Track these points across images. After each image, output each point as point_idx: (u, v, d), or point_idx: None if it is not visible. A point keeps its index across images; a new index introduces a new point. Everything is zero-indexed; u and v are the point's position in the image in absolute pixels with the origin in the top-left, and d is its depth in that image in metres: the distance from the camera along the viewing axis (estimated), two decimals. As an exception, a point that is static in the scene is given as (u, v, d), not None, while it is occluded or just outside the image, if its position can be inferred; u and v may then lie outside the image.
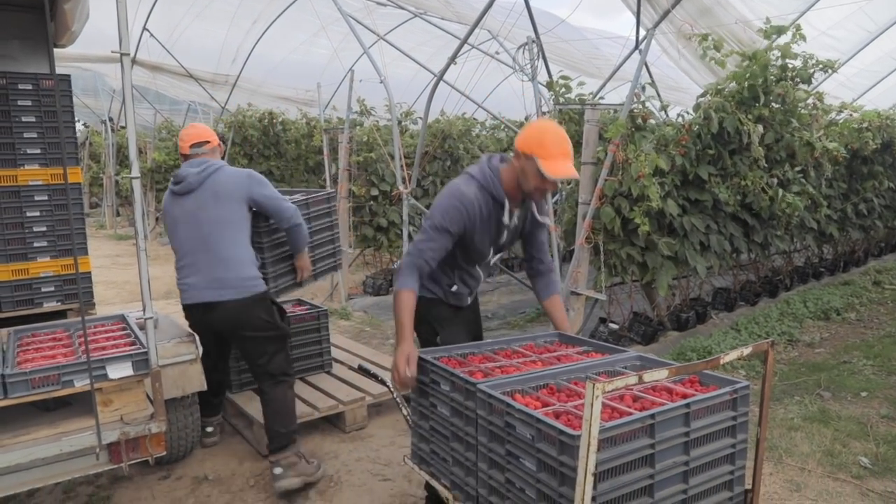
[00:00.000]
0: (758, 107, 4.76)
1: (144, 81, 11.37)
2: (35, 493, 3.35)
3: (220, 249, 3.24)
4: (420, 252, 2.65)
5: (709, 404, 2.02)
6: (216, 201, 3.27)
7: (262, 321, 3.31)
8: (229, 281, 3.22)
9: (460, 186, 2.70)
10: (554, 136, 2.56)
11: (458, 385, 2.31)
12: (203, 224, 3.26)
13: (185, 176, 3.33)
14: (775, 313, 6.45)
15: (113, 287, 8.31)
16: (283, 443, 3.30)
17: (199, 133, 3.49)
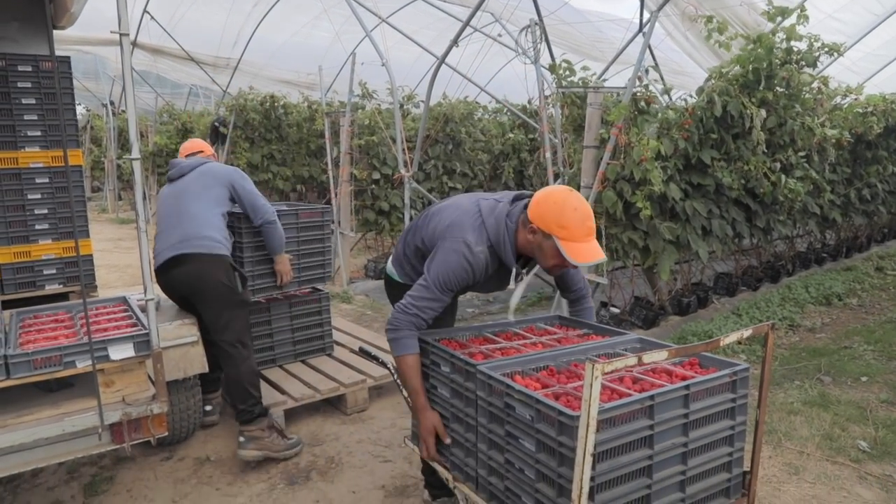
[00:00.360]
0: (761, 90, 4.73)
1: (146, 65, 11.34)
2: (39, 473, 3.38)
3: (189, 213, 3.52)
4: (420, 311, 2.39)
5: (708, 386, 2.02)
6: (201, 183, 3.63)
7: (220, 284, 3.42)
8: (191, 238, 3.44)
9: (471, 244, 2.39)
10: (575, 212, 2.24)
11: (459, 367, 2.32)
12: (182, 199, 3.59)
13: (177, 163, 3.77)
14: (777, 298, 6.45)
15: (115, 270, 8.33)
16: (245, 417, 3.43)
17: (195, 145, 3.97)
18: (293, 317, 4.29)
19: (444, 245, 2.43)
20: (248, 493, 3.20)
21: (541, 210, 2.30)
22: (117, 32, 2.39)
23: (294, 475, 3.35)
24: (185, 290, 3.49)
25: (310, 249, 4.27)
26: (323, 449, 3.61)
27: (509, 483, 2.08)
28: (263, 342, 4.20)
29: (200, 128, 10.53)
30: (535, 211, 2.32)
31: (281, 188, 9.65)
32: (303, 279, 4.27)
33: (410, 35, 6.91)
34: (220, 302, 3.44)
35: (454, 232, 2.44)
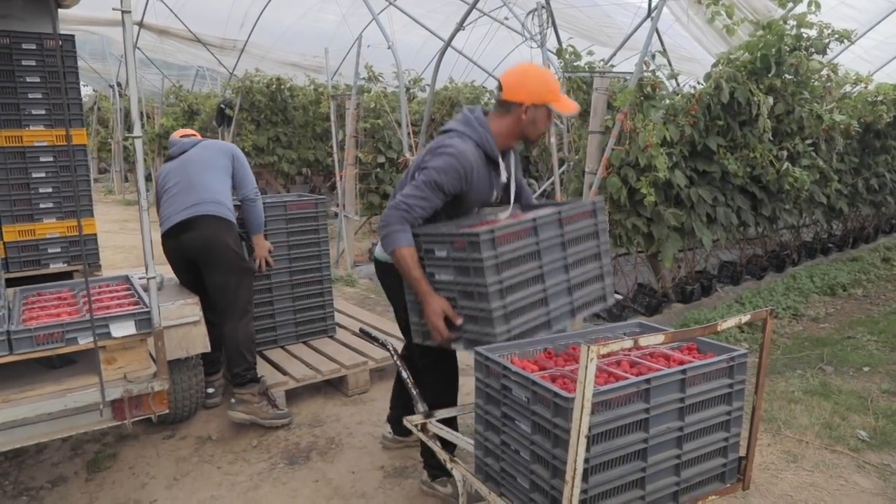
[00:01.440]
0: (770, 77, 4.68)
1: (152, 46, 11.31)
2: (44, 449, 3.42)
3: (199, 180, 3.62)
4: (410, 208, 2.45)
5: (705, 371, 2.02)
6: (207, 154, 3.74)
7: (230, 249, 3.55)
8: (205, 201, 3.54)
9: (457, 144, 2.51)
10: (550, 73, 2.69)
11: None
12: (189, 168, 3.68)
13: (177, 141, 3.88)
14: (781, 288, 6.43)
15: (121, 251, 8.37)
16: (238, 380, 3.56)
17: (189, 132, 4.04)
18: (295, 298, 4.30)
19: (435, 153, 2.53)
20: (248, 471, 3.23)
21: (528, 89, 2.55)
22: (119, 9, 2.38)
23: (294, 455, 3.38)
24: (193, 253, 3.56)
25: (300, 241, 4.26)
26: (323, 430, 3.64)
27: (505, 464, 2.09)
28: (265, 322, 4.22)
29: (207, 109, 10.52)
30: (523, 93, 2.55)
31: (286, 171, 9.66)
32: (295, 281, 4.28)
33: (417, 18, 6.87)
34: (228, 266, 3.55)
35: (440, 145, 2.56)
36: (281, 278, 4.22)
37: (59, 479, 3.17)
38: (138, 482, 3.14)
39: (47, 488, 3.09)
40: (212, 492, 3.06)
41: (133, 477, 3.19)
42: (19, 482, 3.13)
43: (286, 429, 3.65)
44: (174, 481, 3.15)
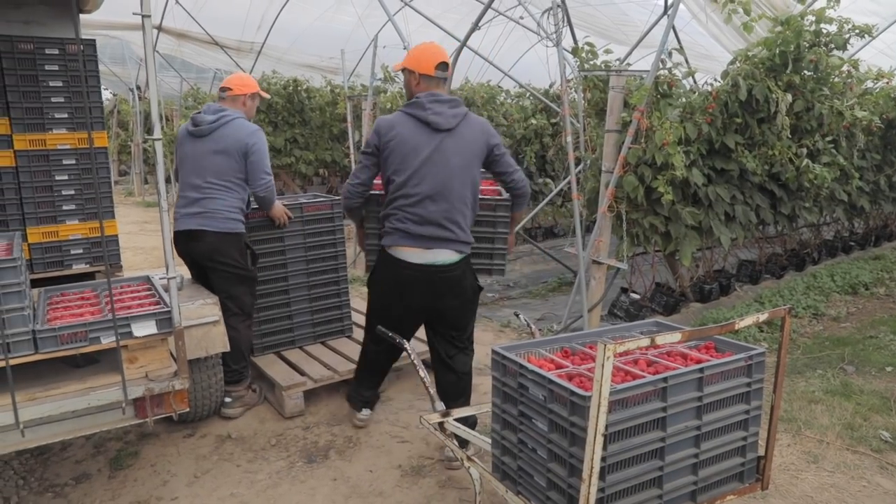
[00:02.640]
0: (788, 73, 4.64)
1: (171, 49, 11.43)
2: (68, 446, 3.48)
3: (207, 184, 3.67)
4: (351, 176, 3.32)
5: (723, 370, 2.02)
6: (217, 150, 3.68)
7: (233, 259, 3.71)
8: (210, 213, 3.64)
9: (379, 119, 3.25)
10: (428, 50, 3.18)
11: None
12: (201, 168, 3.69)
13: (200, 121, 3.74)
14: (801, 287, 6.36)
15: (141, 253, 8.47)
16: (235, 377, 3.79)
17: (229, 80, 3.93)
18: (312, 298, 4.33)
19: (487, 124, 3.24)
20: (267, 470, 3.26)
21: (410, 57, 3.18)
22: (139, 14, 2.42)
23: (313, 454, 3.41)
24: (200, 258, 3.74)
25: (317, 242, 4.28)
26: (341, 429, 3.67)
27: (522, 463, 2.09)
28: (283, 323, 4.25)
29: (225, 112, 10.58)
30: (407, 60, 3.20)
31: (304, 172, 9.72)
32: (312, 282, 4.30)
33: (433, 19, 6.88)
34: (231, 277, 3.72)
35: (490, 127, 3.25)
36: (298, 279, 4.25)
37: (83, 476, 3.22)
38: (160, 480, 3.18)
39: (71, 485, 3.14)
40: (232, 489, 3.09)
41: (154, 474, 3.23)
42: (44, 479, 3.19)
43: (304, 428, 3.68)
44: (195, 479, 3.19)
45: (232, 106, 3.83)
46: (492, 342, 5.13)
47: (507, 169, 3.22)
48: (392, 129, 3.05)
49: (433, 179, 3.01)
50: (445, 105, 3.05)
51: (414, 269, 3.06)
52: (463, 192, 3.07)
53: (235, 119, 3.73)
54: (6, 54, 3.68)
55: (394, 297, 3.21)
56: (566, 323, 5.16)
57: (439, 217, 3.02)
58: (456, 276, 3.12)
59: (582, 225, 4.90)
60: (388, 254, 3.13)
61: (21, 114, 3.77)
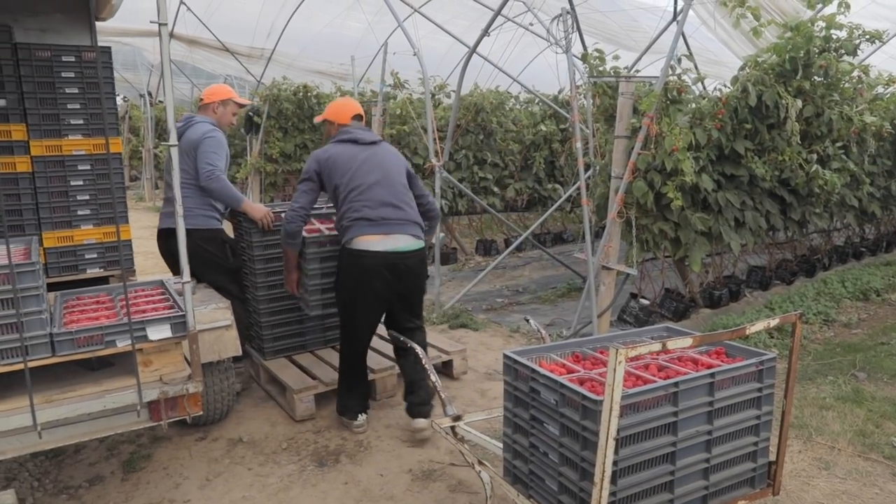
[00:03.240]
0: (798, 79, 4.64)
1: (182, 56, 11.53)
2: (82, 449, 3.51)
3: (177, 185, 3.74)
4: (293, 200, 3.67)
5: (734, 375, 2.03)
6: (181, 153, 3.88)
7: (210, 254, 3.99)
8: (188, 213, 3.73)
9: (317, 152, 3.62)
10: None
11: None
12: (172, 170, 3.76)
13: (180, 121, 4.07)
14: (811, 293, 6.34)
15: (152, 257, 8.50)
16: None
17: (209, 92, 4.20)
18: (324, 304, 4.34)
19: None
20: (279, 473, 3.28)
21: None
22: (156, 22, 2.46)
23: (324, 457, 3.43)
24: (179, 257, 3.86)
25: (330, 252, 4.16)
26: (352, 432, 3.68)
27: (533, 466, 2.11)
28: (294, 328, 4.27)
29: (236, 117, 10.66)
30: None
31: (313, 177, 9.76)
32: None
33: (442, 25, 6.91)
34: (212, 270, 4.01)
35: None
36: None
37: (97, 478, 3.25)
38: (172, 482, 3.21)
39: (85, 487, 3.17)
40: (243, 492, 3.12)
41: (167, 477, 3.26)
42: (59, 481, 3.23)
43: (315, 432, 3.70)
44: (207, 482, 3.21)
45: (203, 114, 4.15)
46: (501, 347, 5.14)
47: (423, 192, 3.72)
48: (326, 153, 3.53)
49: (375, 171, 3.49)
50: (366, 131, 3.67)
51: (378, 258, 3.36)
52: (402, 180, 3.58)
53: (196, 123, 4.02)
54: (24, 62, 3.74)
55: (361, 291, 3.45)
56: (576, 328, 5.17)
57: (389, 197, 3.45)
58: (416, 261, 3.51)
59: (591, 230, 4.91)
60: (351, 249, 3.42)
61: (38, 120, 3.83)
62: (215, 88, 4.23)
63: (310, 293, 3.74)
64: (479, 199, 7.24)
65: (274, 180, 9.55)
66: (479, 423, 3.00)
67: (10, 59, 3.72)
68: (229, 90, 4.23)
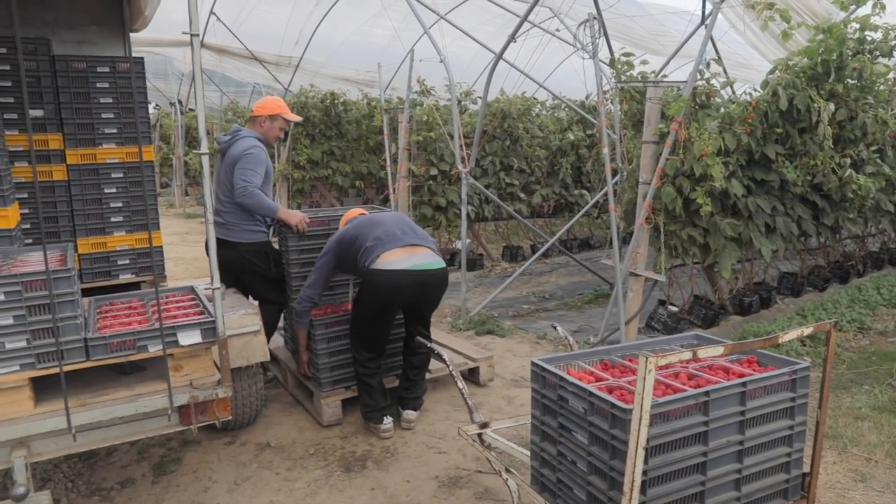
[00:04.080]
0: (830, 82, 4.55)
1: (211, 64, 11.72)
2: (114, 451, 3.57)
3: (226, 202, 4.07)
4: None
5: (766, 384, 1.99)
6: (225, 166, 4.06)
7: (254, 265, 4.11)
8: (229, 227, 4.04)
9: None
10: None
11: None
12: (219, 183, 4.12)
13: (219, 141, 4.19)
14: (845, 300, 6.20)
15: (182, 263, 8.66)
16: None
17: (259, 105, 4.23)
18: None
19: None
20: (306, 478, 3.30)
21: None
22: (188, 33, 2.50)
23: (350, 463, 3.44)
24: (229, 266, 3.99)
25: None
26: (378, 438, 3.69)
27: (561, 475, 2.09)
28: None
29: (263, 125, 10.79)
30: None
31: (340, 184, 9.83)
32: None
33: (468, 32, 6.93)
34: (256, 280, 4.14)
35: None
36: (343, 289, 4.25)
37: (128, 480, 3.31)
38: (201, 486, 3.25)
39: (117, 489, 3.23)
40: (271, 497, 3.14)
41: (196, 481, 3.30)
42: (92, 482, 3.28)
43: (342, 437, 3.72)
44: (235, 486, 3.24)
45: (251, 127, 4.20)
46: (528, 354, 5.12)
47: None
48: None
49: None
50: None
51: (405, 275, 3.45)
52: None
53: (241, 138, 4.06)
54: (61, 73, 3.84)
55: (384, 305, 3.57)
56: (603, 335, 5.13)
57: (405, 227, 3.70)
58: (440, 277, 3.61)
59: (619, 236, 4.87)
60: (374, 269, 3.47)
61: (73, 129, 3.92)
62: (266, 102, 4.23)
63: (321, 371, 3.86)
64: (505, 205, 7.23)
65: (301, 187, 9.64)
66: (505, 431, 2.98)
67: (48, 71, 3.82)
68: (280, 105, 4.22)
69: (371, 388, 3.73)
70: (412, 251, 3.55)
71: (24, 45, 3.73)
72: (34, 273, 2.51)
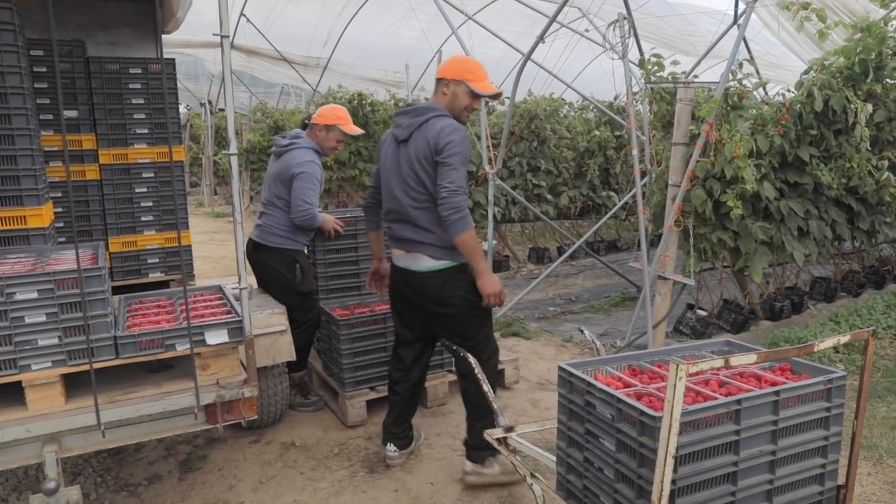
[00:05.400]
0: (868, 83, 4.44)
1: (241, 65, 11.87)
2: (141, 448, 3.62)
3: (268, 206, 4.02)
4: (463, 188, 2.86)
5: (800, 393, 1.94)
6: (278, 173, 3.95)
7: (279, 273, 3.96)
8: (265, 230, 3.99)
9: (455, 125, 2.94)
10: (475, 62, 3.08)
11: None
12: (268, 186, 4.05)
13: (276, 144, 4.07)
14: (881, 306, 6.04)
15: (210, 261, 8.77)
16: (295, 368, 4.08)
17: (318, 112, 4.10)
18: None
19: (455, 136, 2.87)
20: (330, 478, 3.31)
21: (450, 66, 3.04)
22: (219, 34, 2.52)
23: (375, 464, 3.44)
24: (256, 267, 4.05)
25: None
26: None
27: (588, 482, 2.06)
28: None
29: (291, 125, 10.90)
30: (446, 68, 3.04)
31: (367, 184, 9.87)
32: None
33: (496, 32, 6.90)
34: (278, 288, 3.95)
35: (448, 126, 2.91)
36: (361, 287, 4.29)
37: (155, 476, 3.35)
38: (226, 484, 3.28)
39: (144, 485, 3.27)
40: (295, 496, 3.15)
41: (222, 478, 3.33)
42: (120, 478, 3.33)
43: (367, 438, 3.72)
44: (260, 484, 3.27)
45: (309, 134, 4.06)
46: (553, 357, 5.08)
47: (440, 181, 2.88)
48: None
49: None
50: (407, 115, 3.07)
51: (397, 272, 3.20)
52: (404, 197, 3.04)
53: (299, 148, 3.95)
54: (95, 74, 3.90)
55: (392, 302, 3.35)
56: (630, 339, 5.06)
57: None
58: (434, 286, 3.03)
59: (647, 239, 4.80)
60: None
61: (106, 130, 3.99)
62: (325, 110, 4.06)
63: (344, 371, 3.83)
64: (532, 207, 7.19)
65: (328, 187, 9.70)
66: (530, 435, 2.95)
67: (83, 73, 3.89)
68: (339, 115, 4.03)
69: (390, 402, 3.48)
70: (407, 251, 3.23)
71: (60, 48, 3.80)
72: (66, 271, 2.54)
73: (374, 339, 3.92)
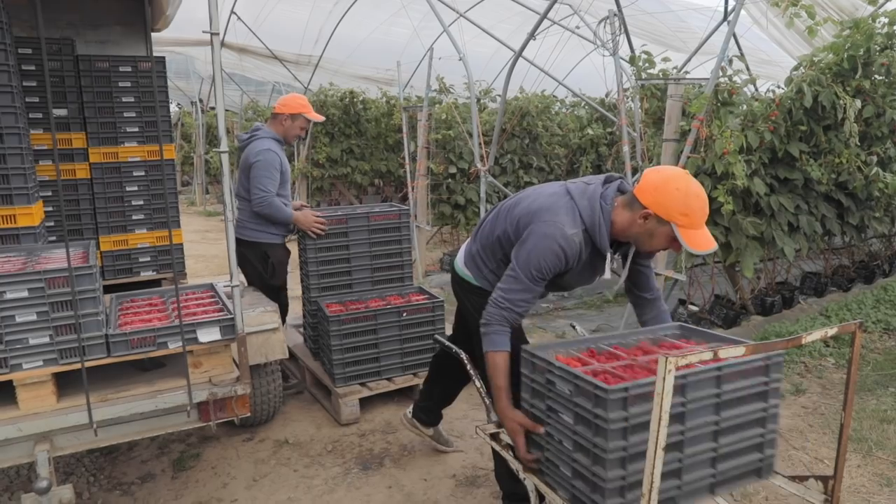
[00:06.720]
0: (857, 79, 4.47)
1: (232, 65, 11.81)
2: (134, 447, 3.62)
3: (239, 200, 4.11)
4: (512, 304, 2.30)
5: (741, 369, 2.07)
6: (241, 167, 4.09)
7: (251, 265, 4.08)
8: (238, 224, 4.02)
9: (565, 226, 2.26)
10: (698, 199, 2.14)
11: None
12: (239, 180, 4.15)
13: (239, 137, 4.21)
14: (870, 300, 6.09)
15: (202, 260, 8.74)
16: None
17: (281, 102, 4.17)
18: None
19: (535, 230, 2.28)
20: (323, 475, 3.32)
21: (660, 197, 2.14)
22: (209, 32, 2.52)
23: (368, 461, 3.45)
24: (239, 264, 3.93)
25: (383, 251, 4.27)
26: (396, 437, 3.70)
27: (549, 454, 2.18)
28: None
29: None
30: (653, 197, 2.15)
31: (359, 182, 9.88)
32: (377, 291, 4.28)
33: (488, 29, 6.91)
34: (253, 280, 4.10)
35: (544, 216, 2.29)
36: (363, 287, 4.27)
37: (148, 475, 3.34)
38: (220, 482, 3.28)
39: (137, 484, 3.27)
40: (289, 493, 3.16)
41: (215, 476, 3.33)
42: (113, 476, 3.33)
43: (360, 435, 3.73)
44: (253, 482, 3.27)
45: (272, 124, 4.15)
46: (546, 353, 5.09)
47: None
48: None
49: None
50: None
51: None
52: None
53: (257, 139, 4.05)
54: (84, 73, 3.89)
55: None
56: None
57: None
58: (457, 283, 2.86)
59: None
60: None
61: (96, 128, 3.97)
62: (288, 99, 4.16)
63: (334, 367, 3.89)
64: (523, 204, 7.18)
65: (321, 185, 9.69)
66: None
67: (72, 71, 3.87)
68: (303, 104, 4.16)
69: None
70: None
71: (49, 46, 3.78)
72: (57, 270, 2.54)
73: (365, 335, 3.93)
